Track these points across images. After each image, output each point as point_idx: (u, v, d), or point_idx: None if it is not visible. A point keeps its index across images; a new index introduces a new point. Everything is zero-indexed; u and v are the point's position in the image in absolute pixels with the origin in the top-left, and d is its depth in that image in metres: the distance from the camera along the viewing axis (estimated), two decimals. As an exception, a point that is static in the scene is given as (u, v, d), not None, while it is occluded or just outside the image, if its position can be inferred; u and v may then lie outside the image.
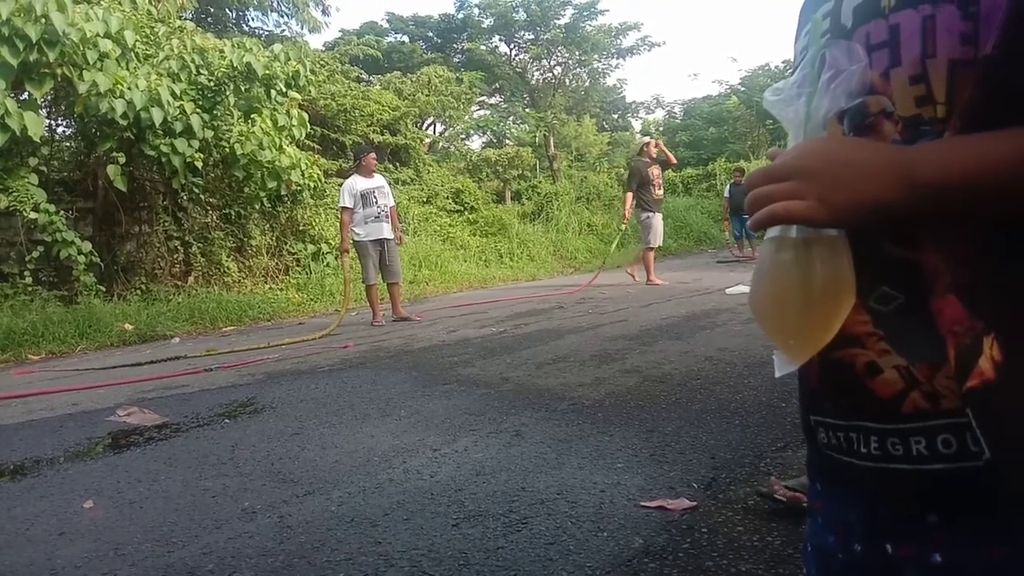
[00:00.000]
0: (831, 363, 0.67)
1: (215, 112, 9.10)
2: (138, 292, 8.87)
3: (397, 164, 14.92)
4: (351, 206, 7.28)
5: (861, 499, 0.69)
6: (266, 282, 9.98)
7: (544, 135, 20.08)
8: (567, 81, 23.37)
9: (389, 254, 7.44)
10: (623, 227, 10.62)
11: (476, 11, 22.35)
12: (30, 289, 7.90)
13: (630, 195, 9.47)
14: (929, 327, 0.61)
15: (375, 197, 7.34)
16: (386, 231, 7.39)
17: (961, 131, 0.60)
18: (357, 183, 7.37)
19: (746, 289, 8.73)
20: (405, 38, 23.29)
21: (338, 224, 7.99)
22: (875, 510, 0.68)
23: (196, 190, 9.30)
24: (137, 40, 8.67)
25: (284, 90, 9.78)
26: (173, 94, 8.51)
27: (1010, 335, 0.58)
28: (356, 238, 7.34)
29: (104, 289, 8.45)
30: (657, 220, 9.43)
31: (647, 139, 9.99)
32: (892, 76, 0.63)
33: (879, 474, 0.65)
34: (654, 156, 9.51)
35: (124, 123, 8.20)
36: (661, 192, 9.57)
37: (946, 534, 0.62)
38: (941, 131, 0.61)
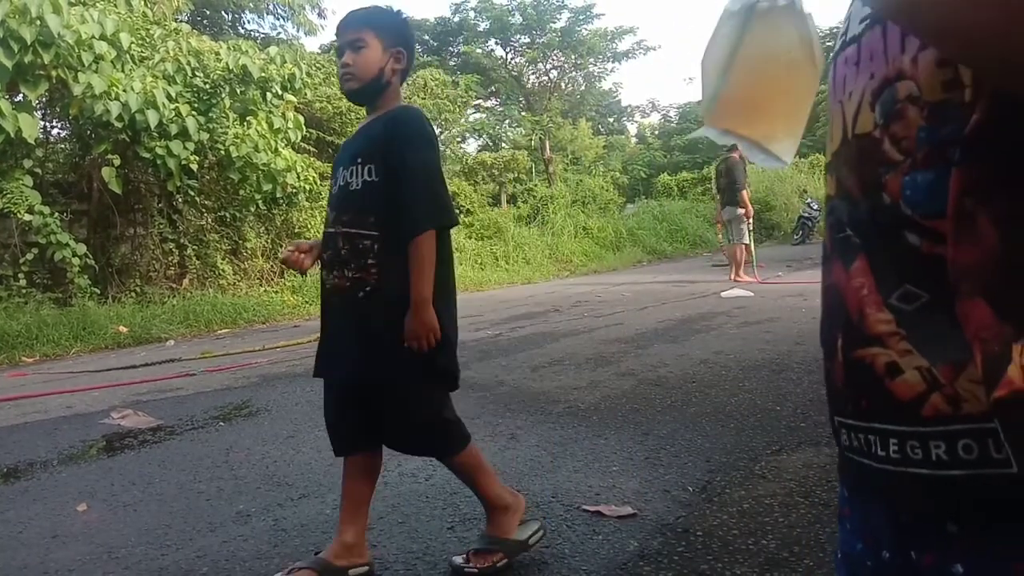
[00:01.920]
0: (852, 363, 0.65)
1: (211, 115, 9.09)
2: (132, 294, 8.84)
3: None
4: None
5: (883, 504, 0.67)
6: (261, 285, 9.96)
7: (540, 138, 20.12)
8: (563, 85, 23.43)
9: None
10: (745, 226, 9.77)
11: (472, 14, 22.39)
12: (24, 291, 7.88)
13: (746, 192, 9.39)
14: (953, 327, 0.58)
15: None
16: None
17: (986, 115, 0.57)
18: None
19: (742, 292, 8.70)
20: (401, 41, 23.29)
21: None
22: (898, 515, 0.66)
23: (191, 192, 9.28)
24: (132, 42, 8.65)
25: (280, 93, 9.77)
26: (168, 96, 8.50)
27: None
28: None
29: (98, 291, 8.43)
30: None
31: None
32: (919, 59, 0.61)
33: (897, 478, 0.63)
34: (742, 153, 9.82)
35: (119, 125, 8.19)
36: None
37: (968, 544, 0.59)
38: (968, 115, 0.58)
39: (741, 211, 9.42)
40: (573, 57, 22.31)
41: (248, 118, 9.62)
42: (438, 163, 2.02)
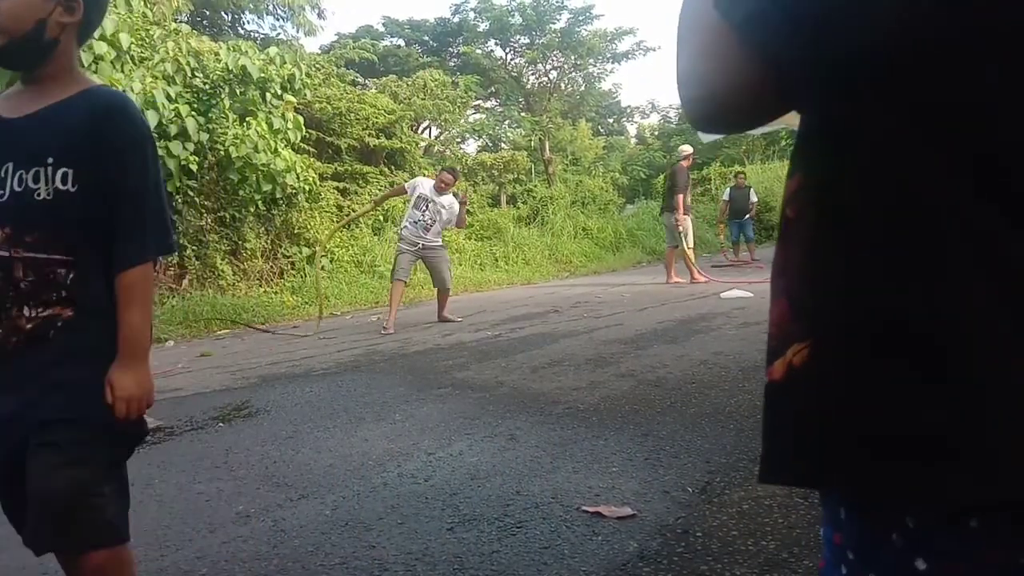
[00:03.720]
0: None
1: (210, 115, 9.09)
2: (132, 295, 8.82)
3: (392, 168, 14.91)
4: (407, 191, 7.54)
5: None
6: (260, 285, 9.96)
7: (540, 139, 20.11)
8: (562, 85, 23.40)
9: (429, 263, 7.49)
10: (680, 230, 10.31)
11: (472, 15, 22.39)
12: (23, 292, 7.87)
13: (681, 197, 10.01)
14: None
15: (427, 205, 7.30)
16: (424, 239, 7.34)
17: (801, 129, 0.65)
18: (425, 186, 7.41)
19: (742, 294, 8.68)
20: (401, 42, 23.29)
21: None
22: None
23: (191, 193, 9.28)
24: (132, 43, 8.64)
25: (279, 93, 9.77)
26: (168, 97, 8.50)
27: (818, 346, 0.58)
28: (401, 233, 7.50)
29: (98, 292, 8.41)
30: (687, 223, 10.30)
31: (689, 149, 10.82)
32: None
33: None
34: (691, 164, 10.77)
35: (119, 126, 8.18)
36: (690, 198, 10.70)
37: (824, 509, 0.66)
38: None
39: (674, 217, 10.06)
40: (573, 58, 22.29)
41: (248, 119, 9.61)
42: (160, 172, 1.53)
